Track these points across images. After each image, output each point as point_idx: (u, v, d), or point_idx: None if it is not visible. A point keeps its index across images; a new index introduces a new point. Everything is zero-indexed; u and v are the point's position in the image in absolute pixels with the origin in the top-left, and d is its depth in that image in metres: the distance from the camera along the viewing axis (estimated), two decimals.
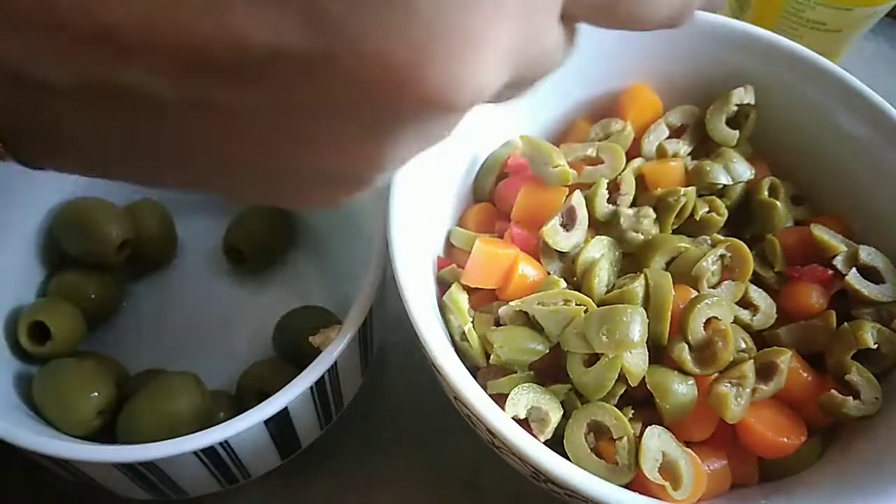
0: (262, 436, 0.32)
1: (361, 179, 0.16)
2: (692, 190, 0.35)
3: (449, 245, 0.37)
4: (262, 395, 0.31)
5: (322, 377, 0.32)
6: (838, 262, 0.34)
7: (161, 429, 0.31)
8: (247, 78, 0.13)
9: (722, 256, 0.33)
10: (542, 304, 0.31)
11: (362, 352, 0.36)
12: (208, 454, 0.30)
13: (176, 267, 0.44)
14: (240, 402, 0.37)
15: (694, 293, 0.32)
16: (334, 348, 0.32)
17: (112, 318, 0.41)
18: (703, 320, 0.31)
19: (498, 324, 0.32)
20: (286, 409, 0.31)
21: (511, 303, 0.32)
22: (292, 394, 0.31)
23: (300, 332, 0.36)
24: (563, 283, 0.32)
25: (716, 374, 0.31)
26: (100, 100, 0.14)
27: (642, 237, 0.34)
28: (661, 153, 0.37)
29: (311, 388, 0.31)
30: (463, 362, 0.29)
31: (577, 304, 0.31)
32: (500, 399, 0.29)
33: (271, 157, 0.15)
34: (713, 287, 0.33)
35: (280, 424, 0.32)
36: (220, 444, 0.30)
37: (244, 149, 0.15)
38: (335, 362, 0.32)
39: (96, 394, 0.34)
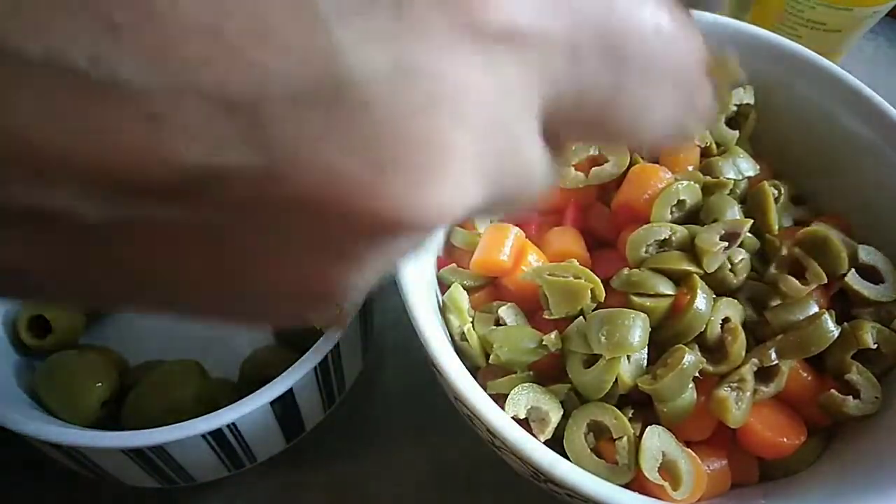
0: (268, 418, 0.32)
1: (324, 300, 0.15)
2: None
3: (449, 245, 0.37)
4: (265, 381, 0.31)
5: (325, 358, 0.32)
6: None
7: (166, 415, 0.31)
8: (183, 196, 0.12)
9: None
10: (553, 275, 0.31)
11: (363, 334, 0.36)
12: (216, 437, 0.31)
13: None
14: (242, 389, 0.37)
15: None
16: (337, 329, 0.32)
17: (109, 312, 0.41)
18: (721, 320, 0.31)
19: (498, 324, 0.33)
20: (291, 390, 0.31)
21: (523, 267, 0.32)
22: (297, 375, 0.31)
23: None
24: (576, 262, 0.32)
25: (716, 377, 0.31)
26: (25, 225, 0.12)
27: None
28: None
29: (315, 368, 0.32)
30: (463, 362, 0.29)
31: (586, 281, 0.31)
32: (500, 399, 0.29)
33: (222, 278, 0.14)
34: (739, 286, 0.33)
35: (285, 406, 0.32)
36: (228, 426, 0.31)
37: (191, 271, 0.14)
38: (338, 343, 0.32)
39: (100, 384, 0.34)
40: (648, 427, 0.30)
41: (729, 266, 0.32)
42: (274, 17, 0.11)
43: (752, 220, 0.32)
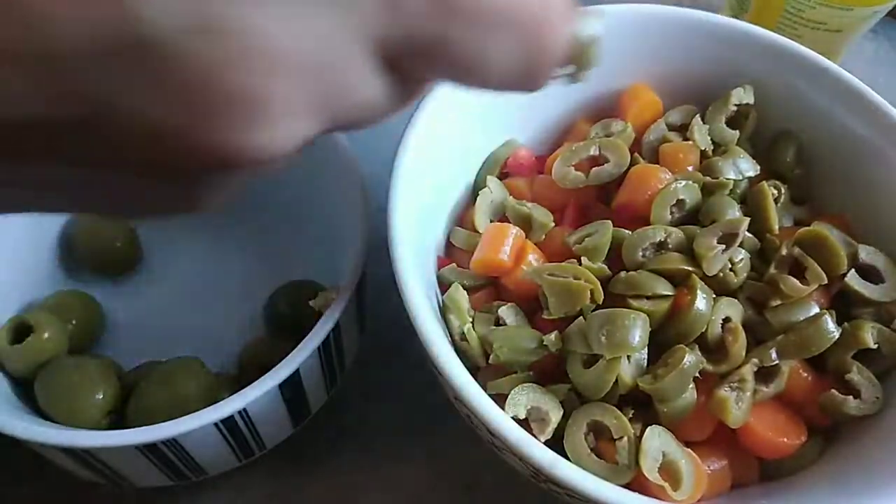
0: (277, 402, 0.33)
1: (193, 208, 0.16)
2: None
3: (449, 245, 0.37)
4: (264, 370, 0.32)
5: (328, 337, 0.33)
6: None
7: (172, 411, 0.31)
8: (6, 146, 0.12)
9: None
10: (552, 275, 0.31)
11: (359, 314, 0.37)
12: (227, 425, 0.31)
13: (147, 268, 0.43)
14: (242, 380, 0.37)
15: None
16: (336, 308, 0.33)
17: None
18: (721, 320, 0.31)
19: (498, 324, 0.33)
20: (298, 371, 0.32)
21: (523, 267, 0.33)
22: (303, 356, 0.32)
23: (295, 302, 0.37)
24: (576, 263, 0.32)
25: (716, 377, 0.31)
26: None
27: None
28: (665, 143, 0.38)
29: (319, 348, 0.32)
30: (463, 362, 0.29)
31: (585, 282, 0.31)
32: (499, 399, 0.29)
33: (87, 200, 0.15)
34: (740, 286, 0.33)
35: (293, 388, 0.33)
36: (239, 413, 0.31)
37: (59, 196, 0.15)
38: (338, 322, 0.33)
39: (101, 395, 0.34)
40: (649, 427, 0.30)
41: (729, 266, 0.32)
42: None
43: (749, 219, 0.32)
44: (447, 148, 0.36)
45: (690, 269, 0.31)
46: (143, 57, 0.11)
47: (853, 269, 0.34)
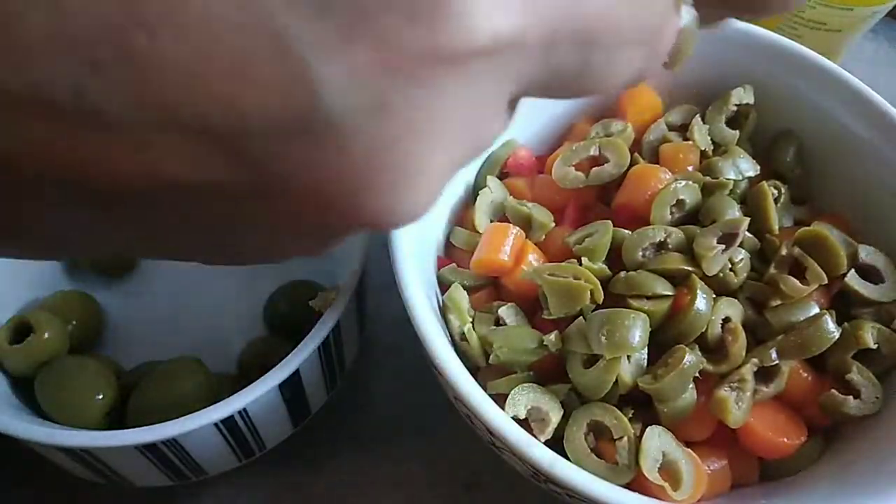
0: (277, 402, 0.33)
1: (321, 251, 0.17)
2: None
3: (449, 245, 0.37)
4: (264, 370, 0.32)
5: (328, 337, 0.33)
6: None
7: (171, 411, 0.31)
8: (167, 202, 0.13)
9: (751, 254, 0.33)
10: (552, 275, 0.31)
11: (359, 314, 0.37)
12: (227, 425, 0.31)
13: (147, 268, 0.43)
14: (242, 380, 0.37)
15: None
16: (337, 308, 0.33)
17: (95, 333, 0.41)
18: (721, 320, 0.31)
19: (498, 324, 0.33)
20: (298, 371, 0.32)
21: (523, 266, 0.33)
22: (302, 356, 0.32)
23: (295, 302, 0.37)
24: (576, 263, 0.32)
25: (716, 377, 0.31)
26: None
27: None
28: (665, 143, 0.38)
29: (319, 348, 0.32)
30: (463, 362, 0.29)
31: (585, 282, 0.31)
32: (500, 399, 0.29)
33: (224, 249, 0.16)
34: (740, 286, 0.33)
35: (292, 388, 0.33)
36: (239, 413, 0.31)
37: (197, 242, 0.15)
38: (338, 322, 0.33)
39: (101, 395, 0.34)
40: (648, 427, 0.30)
41: (729, 266, 0.32)
42: (253, 58, 0.11)
43: (749, 219, 0.32)
44: None
45: (690, 269, 0.31)
46: (323, 135, 0.12)
47: (853, 269, 0.34)
